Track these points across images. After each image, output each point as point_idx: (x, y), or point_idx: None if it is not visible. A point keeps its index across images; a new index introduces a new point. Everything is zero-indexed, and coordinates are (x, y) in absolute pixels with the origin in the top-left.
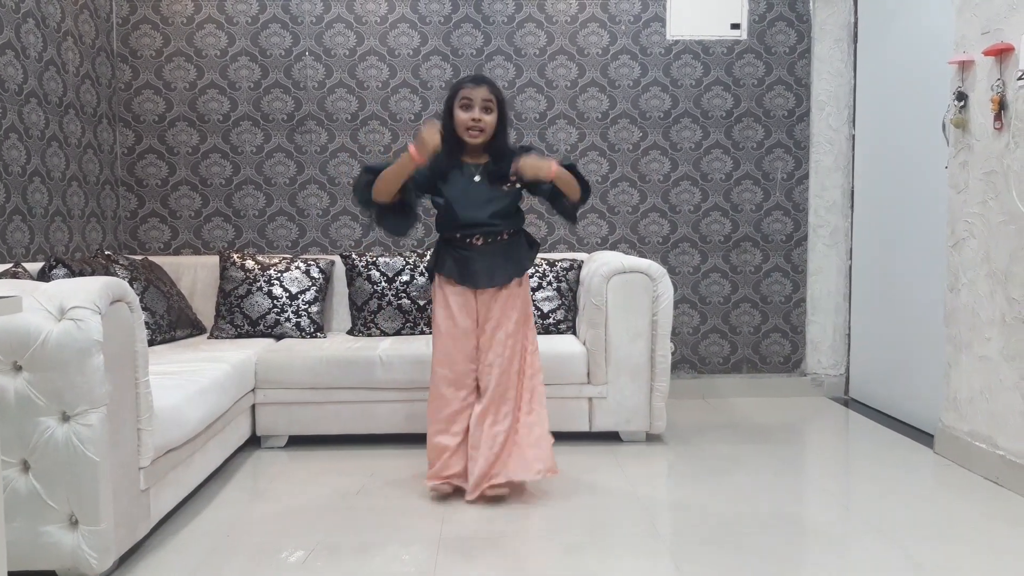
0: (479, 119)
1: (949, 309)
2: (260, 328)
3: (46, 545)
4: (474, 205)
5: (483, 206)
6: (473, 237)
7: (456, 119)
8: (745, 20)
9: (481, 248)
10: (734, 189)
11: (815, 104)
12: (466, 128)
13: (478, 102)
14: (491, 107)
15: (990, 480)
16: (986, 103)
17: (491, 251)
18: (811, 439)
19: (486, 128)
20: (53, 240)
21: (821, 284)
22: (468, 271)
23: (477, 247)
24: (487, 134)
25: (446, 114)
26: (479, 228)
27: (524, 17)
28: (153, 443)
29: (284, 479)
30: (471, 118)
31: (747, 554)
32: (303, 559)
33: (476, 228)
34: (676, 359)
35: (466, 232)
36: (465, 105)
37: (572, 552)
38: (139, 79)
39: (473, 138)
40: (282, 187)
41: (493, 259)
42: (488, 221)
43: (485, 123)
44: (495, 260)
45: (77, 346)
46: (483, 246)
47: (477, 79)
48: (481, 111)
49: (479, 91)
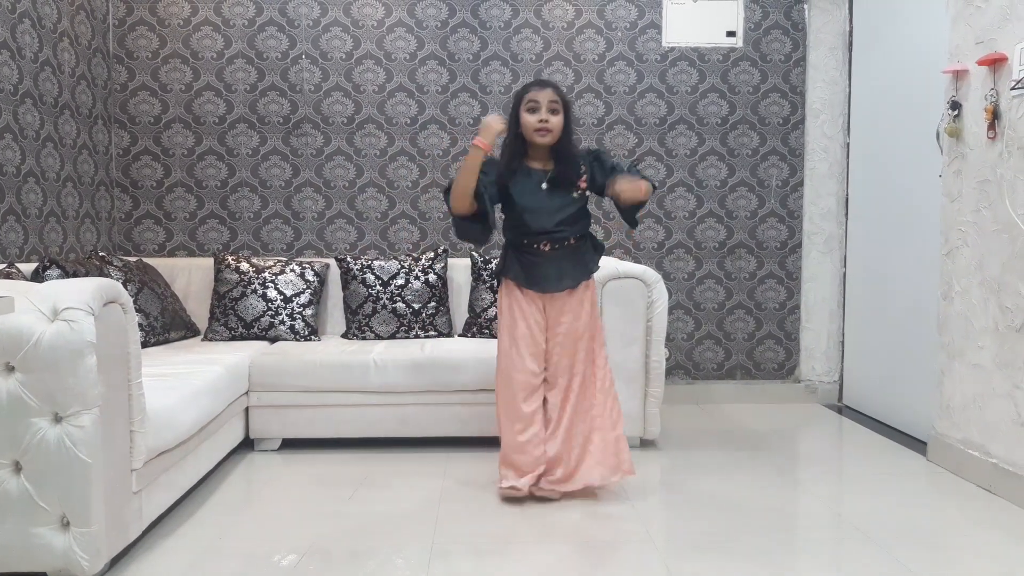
0: (546, 120)
1: (942, 317)
2: (254, 331)
3: (37, 547)
4: (542, 214)
5: (551, 215)
6: (541, 243)
7: (523, 122)
8: (741, 28)
9: (548, 254)
10: (729, 196)
11: (810, 112)
12: (534, 130)
13: (544, 104)
14: (557, 109)
15: (983, 488)
16: (980, 112)
17: (558, 256)
18: (804, 446)
19: (553, 129)
20: (47, 241)
21: (815, 291)
22: (536, 276)
23: (545, 253)
24: (554, 135)
25: (512, 119)
26: (546, 235)
27: (521, 23)
28: (146, 445)
29: (277, 482)
30: (538, 120)
31: (739, 560)
32: (295, 563)
33: (544, 235)
34: (670, 365)
35: (534, 239)
36: (532, 108)
37: (564, 557)
38: (135, 80)
39: (542, 138)
40: (277, 190)
41: (560, 264)
42: (555, 229)
43: (552, 124)
44: (563, 265)
45: (70, 347)
46: (550, 251)
47: (542, 82)
48: (548, 112)
49: (545, 93)
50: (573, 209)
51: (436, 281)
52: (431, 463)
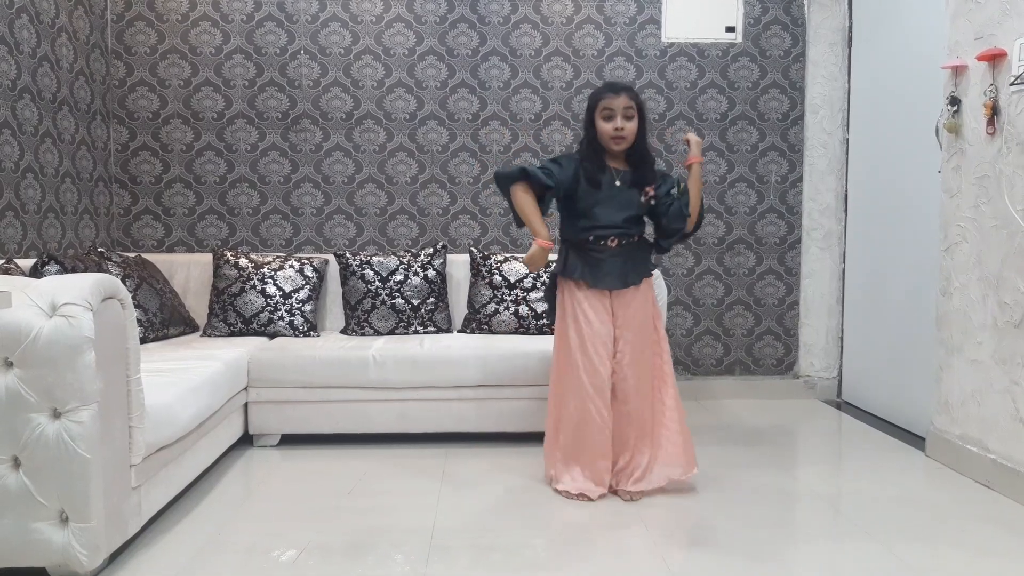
0: (622, 128)
1: (941, 313)
2: (253, 326)
3: (36, 542)
4: (613, 208)
5: (621, 210)
6: (608, 239)
7: (599, 130)
8: (740, 23)
9: (615, 250)
10: (728, 192)
11: (809, 108)
12: (610, 138)
13: (619, 111)
14: (632, 114)
15: (981, 483)
16: (979, 108)
17: (623, 253)
18: (803, 441)
19: (628, 136)
20: (46, 236)
21: (814, 287)
22: (601, 272)
23: (611, 249)
24: (629, 141)
25: (587, 124)
26: (615, 230)
27: (520, 18)
28: (144, 440)
29: (276, 478)
30: (614, 128)
31: (737, 554)
32: (294, 558)
33: (612, 230)
34: None
35: (601, 234)
36: (607, 116)
37: (563, 552)
38: (133, 76)
39: (617, 145)
40: (276, 185)
41: (625, 261)
42: (623, 225)
43: (627, 131)
44: (627, 262)
45: (68, 343)
46: (617, 248)
47: (615, 87)
48: (623, 119)
49: (619, 100)
50: (640, 211)
51: (435, 277)
52: (430, 459)
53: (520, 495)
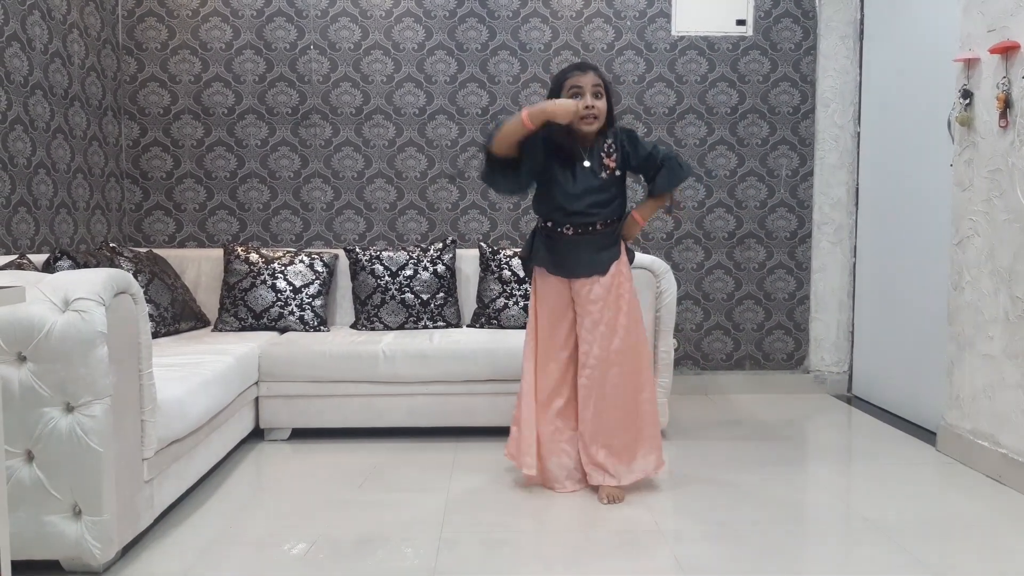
0: (592, 106)
1: (952, 307)
2: (264, 321)
3: (50, 535)
4: (577, 193)
5: (585, 195)
6: (563, 227)
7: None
8: (751, 16)
9: (572, 237)
10: (738, 185)
11: (820, 101)
12: (580, 117)
13: (588, 88)
14: (600, 92)
15: (992, 478)
16: (991, 101)
17: (583, 241)
18: (813, 436)
19: (599, 115)
20: (58, 232)
21: (825, 281)
22: (559, 259)
23: (568, 236)
24: (601, 120)
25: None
26: (574, 216)
27: (529, 12)
28: (156, 434)
29: (287, 472)
30: (584, 106)
31: (748, 550)
32: (305, 551)
33: (572, 217)
34: (679, 355)
35: (559, 219)
36: (575, 94)
37: (573, 547)
38: (144, 72)
39: (588, 125)
40: (286, 180)
41: (583, 249)
42: (585, 210)
43: (598, 109)
44: (586, 250)
45: (81, 337)
46: (573, 236)
47: (582, 66)
48: (592, 97)
49: (587, 78)
50: (606, 194)
51: (444, 272)
52: (440, 453)
53: (530, 489)
